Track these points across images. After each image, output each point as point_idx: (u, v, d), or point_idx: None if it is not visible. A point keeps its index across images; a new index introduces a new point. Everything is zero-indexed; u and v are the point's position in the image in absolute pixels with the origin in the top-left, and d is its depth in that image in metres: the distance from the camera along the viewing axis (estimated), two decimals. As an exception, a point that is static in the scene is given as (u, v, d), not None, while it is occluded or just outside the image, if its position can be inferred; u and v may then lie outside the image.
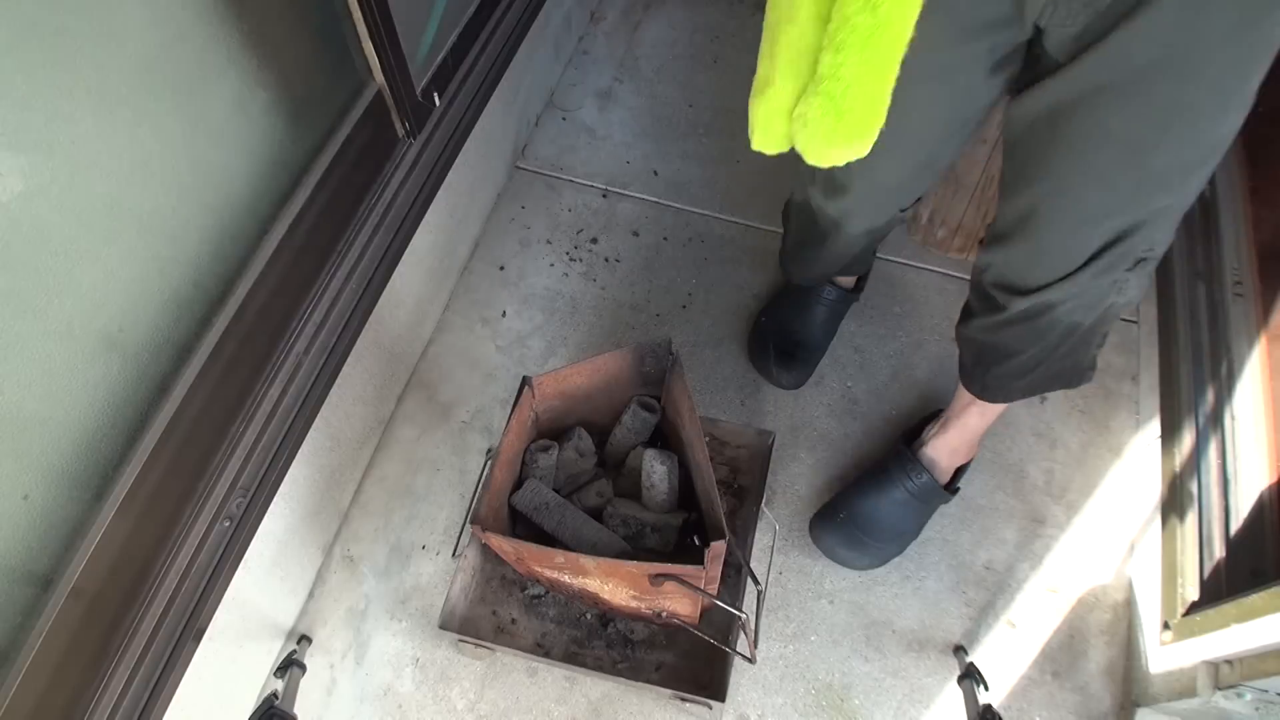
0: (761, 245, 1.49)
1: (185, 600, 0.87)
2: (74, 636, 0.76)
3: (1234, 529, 1.02)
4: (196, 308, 0.85)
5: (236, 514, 0.91)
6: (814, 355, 1.35)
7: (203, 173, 0.82)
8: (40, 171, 0.64)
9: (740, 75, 1.72)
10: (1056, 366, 0.97)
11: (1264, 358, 1.13)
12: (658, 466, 1.07)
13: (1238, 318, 1.19)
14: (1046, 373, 0.98)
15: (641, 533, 1.07)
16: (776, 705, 1.10)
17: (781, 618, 1.16)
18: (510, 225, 1.54)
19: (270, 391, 0.95)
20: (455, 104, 1.21)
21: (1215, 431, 1.12)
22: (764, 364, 1.35)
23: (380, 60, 1.01)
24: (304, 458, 1.03)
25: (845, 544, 1.17)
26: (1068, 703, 1.10)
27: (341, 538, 1.23)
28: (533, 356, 1.39)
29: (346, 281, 1.04)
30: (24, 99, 0.61)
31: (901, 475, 1.15)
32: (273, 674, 1.09)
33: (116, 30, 0.68)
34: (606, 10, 1.85)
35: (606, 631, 1.09)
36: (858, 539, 1.16)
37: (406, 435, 1.31)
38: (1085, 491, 1.25)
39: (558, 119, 1.68)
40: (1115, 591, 1.17)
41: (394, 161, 1.12)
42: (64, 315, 0.70)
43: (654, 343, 1.06)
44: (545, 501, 1.07)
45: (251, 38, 0.83)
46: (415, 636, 1.15)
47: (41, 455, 0.71)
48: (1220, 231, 1.28)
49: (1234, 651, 0.90)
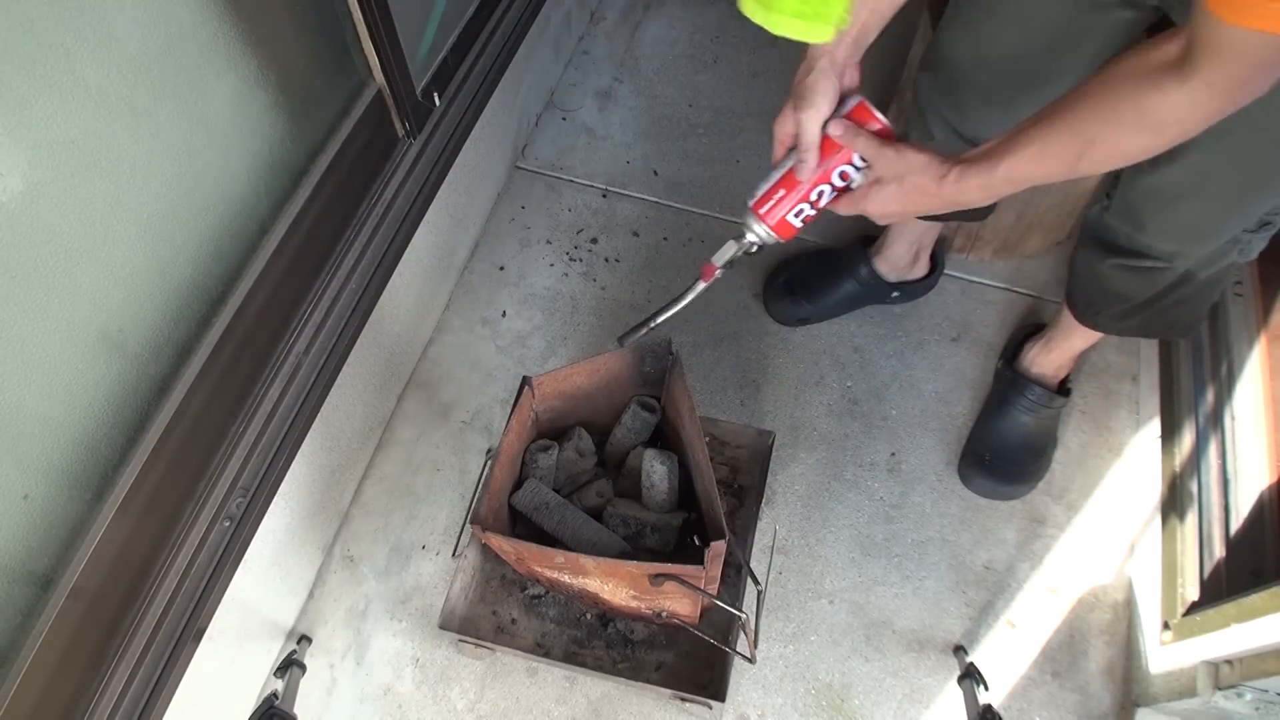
0: (761, 245, 1.49)
1: (185, 600, 0.87)
2: (74, 636, 0.76)
3: (1234, 529, 1.02)
4: (196, 308, 0.85)
5: (236, 514, 0.91)
6: (819, 308, 1.38)
7: (203, 173, 0.82)
8: (40, 171, 0.64)
9: (740, 75, 1.72)
10: (1169, 315, 1.03)
11: (1264, 358, 1.13)
12: (658, 466, 1.07)
13: (1238, 318, 1.19)
14: (1158, 319, 1.03)
15: (641, 533, 1.07)
16: (776, 705, 1.10)
17: (781, 618, 1.16)
18: (510, 225, 1.53)
19: (270, 391, 0.95)
20: (455, 104, 1.21)
21: (1215, 431, 1.12)
22: (770, 293, 1.40)
23: (380, 60, 1.01)
24: (304, 458, 1.03)
25: (1004, 480, 1.23)
26: (1068, 703, 1.10)
27: (341, 538, 1.23)
28: (533, 356, 1.39)
29: (346, 281, 1.04)
30: (24, 99, 0.61)
31: (1018, 396, 1.23)
32: (273, 674, 1.09)
33: (116, 30, 0.68)
34: (606, 10, 1.85)
35: (606, 631, 1.09)
36: (1010, 472, 1.23)
37: (406, 435, 1.31)
38: (1085, 491, 1.25)
39: (558, 119, 1.68)
40: (1115, 591, 1.17)
41: (394, 161, 1.12)
42: (64, 315, 0.70)
43: (654, 343, 1.06)
44: (545, 501, 1.07)
45: (251, 38, 0.83)
46: (415, 636, 1.15)
47: (41, 455, 0.71)
48: (1220, 231, 1.28)
49: (1234, 651, 0.90)
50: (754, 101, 1.69)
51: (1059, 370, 1.24)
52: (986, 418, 1.27)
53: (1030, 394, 1.22)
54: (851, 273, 1.35)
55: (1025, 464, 1.23)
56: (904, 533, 1.22)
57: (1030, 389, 1.22)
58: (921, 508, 1.24)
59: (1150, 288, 0.99)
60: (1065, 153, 0.72)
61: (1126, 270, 0.98)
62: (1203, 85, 0.63)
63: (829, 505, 1.25)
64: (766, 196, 0.83)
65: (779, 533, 1.22)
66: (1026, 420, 1.23)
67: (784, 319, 1.40)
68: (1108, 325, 1.11)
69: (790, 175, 0.81)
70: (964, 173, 0.73)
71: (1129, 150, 0.71)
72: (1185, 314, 1.03)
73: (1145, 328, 1.08)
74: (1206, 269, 0.94)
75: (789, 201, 0.82)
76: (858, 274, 1.35)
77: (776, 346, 1.39)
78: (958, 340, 1.39)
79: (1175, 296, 0.99)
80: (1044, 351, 1.24)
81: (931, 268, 1.38)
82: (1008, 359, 1.30)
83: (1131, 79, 0.68)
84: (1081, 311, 1.12)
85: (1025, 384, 1.23)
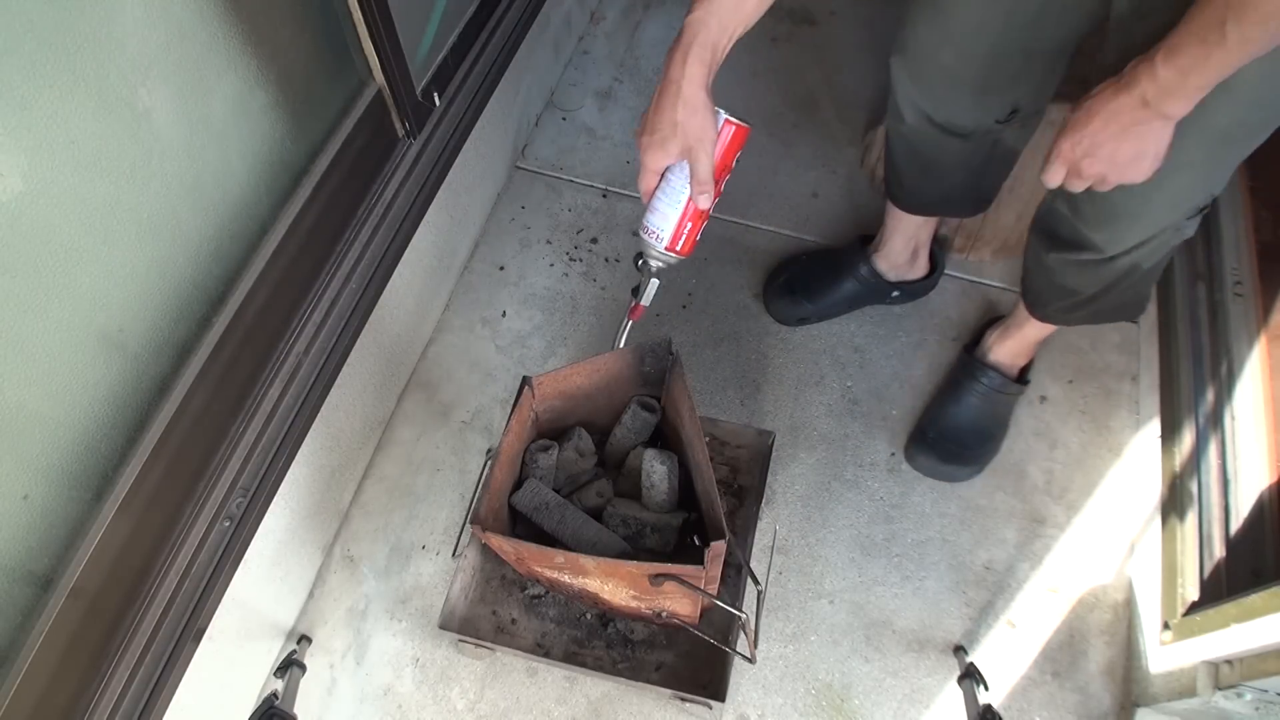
0: (761, 245, 1.49)
1: (185, 600, 0.87)
2: (74, 636, 0.76)
3: (1234, 529, 1.02)
4: (196, 308, 0.85)
5: (236, 514, 0.91)
6: (819, 308, 1.38)
7: (203, 173, 0.82)
8: (40, 171, 0.64)
9: (740, 75, 1.72)
10: (1117, 300, 1.04)
11: (1264, 358, 1.13)
12: (658, 467, 1.07)
13: (1238, 318, 1.19)
14: (1107, 305, 1.06)
15: (641, 533, 1.07)
16: (776, 705, 1.10)
17: (781, 618, 1.16)
18: (510, 225, 1.53)
19: (270, 391, 0.95)
20: (455, 104, 1.21)
21: (1215, 431, 1.12)
22: (770, 292, 1.40)
23: (380, 60, 1.01)
24: (304, 458, 1.03)
25: (944, 459, 1.24)
26: (1068, 703, 1.10)
27: (341, 538, 1.23)
28: (532, 356, 1.39)
29: (346, 281, 1.04)
30: (24, 99, 0.61)
31: (971, 380, 1.25)
32: (273, 674, 1.09)
33: (116, 30, 0.68)
34: (606, 10, 1.85)
35: (606, 631, 1.09)
36: (952, 452, 1.24)
37: (406, 435, 1.31)
38: (1085, 491, 1.25)
39: (558, 119, 1.68)
40: (1115, 591, 1.17)
41: (394, 161, 1.12)
42: (64, 315, 0.70)
43: (654, 343, 1.06)
44: (545, 501, 1.07)
45: (251, 38, 0.83)
46: (415, 636, 1.15)
47: (41, 455, 0.71)
48: (1220, 231, 1.28)
49: (1234, 651, 0.90)
50: (754, 101, 1.69)
51: (1015, 358, 1.26)
52: (939, 398, 1.29)
53: (985, 379, 1.24)
54: (851, 272, 1.35)
55: (969, 446, 1.24)
56: (904, 533, 1.22)
57: (986, 374, 1.24)
58: (921, 508, 1.24)
59: (1095, 282, 1.01)
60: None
61: (1069, 264, 1.00)
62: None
63: (829, 505, 1.25)
64: (677, 235, 0.91)
65: (779, 533, 1.22)
66: (976, 404, 1.25)
67: (784, 319, 1.40)
68: (1057, 317, 1.13)
69: (694, 208, 0.88)
70: (1161, 62, 0.66)
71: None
72: (1131, 300, 1.05)
73: (1094, 317, 1.10)
74: (1149, 259, 0.96)
75: (697, 229, 0.91)
76: (858, 273, 1.35)
77: (776, 346, 1.39)
78: (958, 340, 1.38)
79: (1120, 288, 1.01)
80: (1001, 339, 1.26)
81: (931, 268, 1.38)
82: (968, 346, 1.32)
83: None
84: (1032, 304, 1.14)
85: (981, 369, 1.25)
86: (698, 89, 0.78)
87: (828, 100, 1.70)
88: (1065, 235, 0.98)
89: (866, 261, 1.35)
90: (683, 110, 0.79)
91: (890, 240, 1.33)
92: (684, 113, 0.79)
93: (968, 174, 1.16)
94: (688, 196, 0.86)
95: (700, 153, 0.82)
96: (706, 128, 0.81)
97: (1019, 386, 1.25)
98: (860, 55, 1.76)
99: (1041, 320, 1.15)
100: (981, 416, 1.25)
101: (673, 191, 0.88)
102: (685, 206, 0.88)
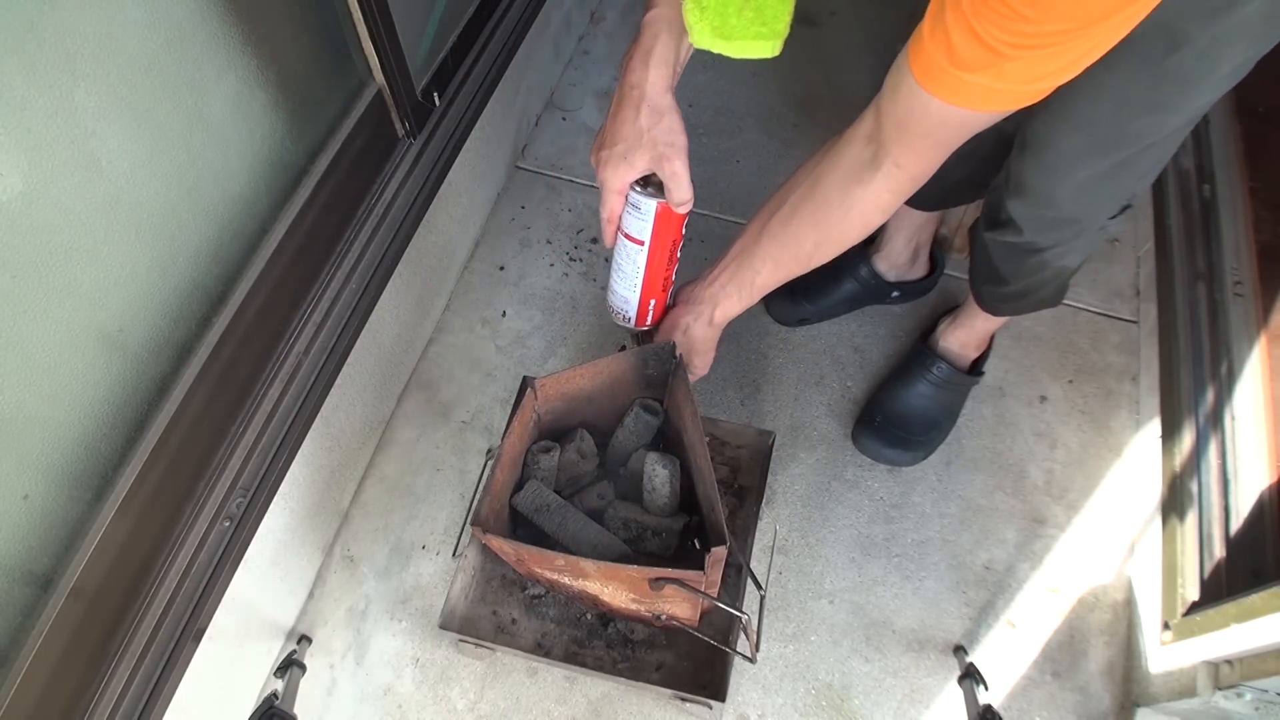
0: (761, 245, 1.49)
1: (185, 600, 0.87)
2: (74, 636, 0.76)
3: (1234, 529, 1.02)
4: (196, 308, 0.85)
5: (236, 514, 0.91)
6: (819, 308, 1.38)
7: (203, 173, 0.82)
8: (40, 171, 0.64)
9: (740, 75, 1.72)
10: (1042, 294, 1.08)
11: (1264, 358, 1.13)
12: (660, 470, 1.07)
13: (1238, 318, 1.19)
14: (1034, 299, 1.09)
15: (642, 536, 1.07)
16: (776, 705, 1.10)
17: (781, 618, 1.16)
18: (510, 225, 1.53)
19: (270, 391, 0.95)
20: (455, 104, 1.21)
21: (1215, 431, 1.12)
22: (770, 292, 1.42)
23: (380, 60, 1.01)
24: (304, 458, 1.03)
25: (888, 443, 1.25)
26: (1068, 703, 1.10)
27: (341, 538, 1.23)
28: (533, 356, 1.39)
29: (346, 281, 1.04)
30: (24, 99, 0.61)
31: (921, 369, 1.25)
32: (273, 674, 1.09)
33: (116, 30, 0.68)
34: (606, 10, 1.85)
35: (607, 631, 1.09)
36: (898, 436, 1.24)
37: (406, 435, 1.31)
38: (1085, 491, 1.25)
39: (558, 119, 1.68)
40: (1115, 591, 1.17)
41: (394, 161, 1.12)
42: (64, 315, 0.70)
43: (657, 346, 1.06)
44: (546, 503, 1.07)
45: (251, 38, 0.83)
46: (415, 636, 1.15)
47: (41, 455, 0.71)
48: (1220, 231, 1.28)
49: (1234, 651, 0.90)
50: (754, 101, 1.69)
51: (966, 348, 1.26)
52: (888, 383, 1.29)
53: (935, 368, 1.25)
54: (851, 272, 1.35)
55: (915, 433, 1.25)
56: (904, 533, 1.22)
57: (936, 363, 1.25)
58: (921, 508, 1.24)
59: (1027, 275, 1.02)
60: (795, 263, 0.85)
61: (1000, 245, 1.00)
62: (893, 167, 0.71)
63: (829, 505, 1.25)
64: (643, 313, 0.94)
65: (779, 533, 1.22)
66: (924, 391, 1.25)
67: (784, 319, 1.40)
68: (990, 303, 1.15)
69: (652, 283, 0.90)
70: (716, 306, 0.89)
71: (848, 240, 0.82)
72: (1054, 289, 1.08)
73: (1021, 309, 1.13)
74: (1077, 258, 0.99)
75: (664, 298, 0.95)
76: (858, 273, 1.35)
77: (776, 346, 1.39)
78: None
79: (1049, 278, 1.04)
80: (952, 328, 1.26)
81: (931, 268, 1.38)
82: (924, 333, 1.33)
83: (835, 183, 0.76)
84: (973, 284, 1.16)
85: (931, 358, 1.25)
86: (663, 92, 0.73)
87: (828, 100, 1.70)
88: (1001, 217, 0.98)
89: (867, 262, 1.35)
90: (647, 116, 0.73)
91: (891, 240, 1.33)
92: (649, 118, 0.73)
93: (973, 164, 1.16)
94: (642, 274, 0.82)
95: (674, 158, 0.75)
96: (677, 131, 0.75)
97: (968, 378, 1.26)
98: (860, 55, 1.76)
99: (978, 302, 1.16)
100: (930, 405, 1.26)
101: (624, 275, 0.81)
102: (641, 285, 0.84)
